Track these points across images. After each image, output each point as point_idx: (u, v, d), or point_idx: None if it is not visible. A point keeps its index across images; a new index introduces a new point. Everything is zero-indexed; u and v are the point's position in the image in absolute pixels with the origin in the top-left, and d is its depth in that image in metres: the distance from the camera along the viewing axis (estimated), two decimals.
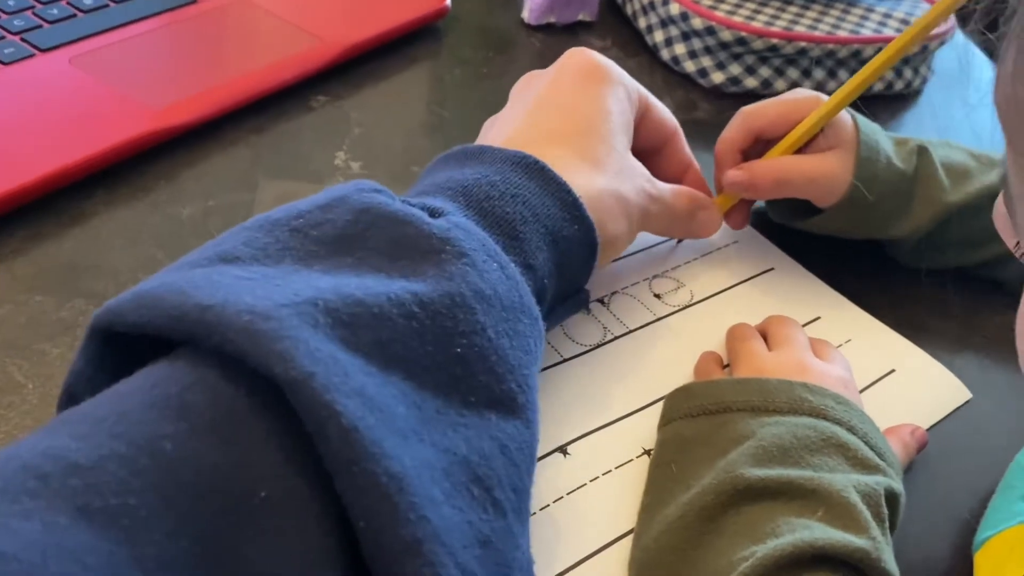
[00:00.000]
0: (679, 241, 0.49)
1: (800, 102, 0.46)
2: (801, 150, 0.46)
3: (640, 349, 0.43)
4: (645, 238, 0.47)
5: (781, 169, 0.45)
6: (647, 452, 0.38)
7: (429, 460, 0.25)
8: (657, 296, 0.45)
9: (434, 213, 0.31)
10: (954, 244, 0.48)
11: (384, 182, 0.51)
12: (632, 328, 0.44)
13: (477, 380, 0.27)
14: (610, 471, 0.37)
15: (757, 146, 0.46)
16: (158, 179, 0.49)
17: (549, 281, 0.34)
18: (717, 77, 0.63)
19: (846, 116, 0.45)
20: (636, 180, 0.40)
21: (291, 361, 0.23)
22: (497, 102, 0.61)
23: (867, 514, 0.31)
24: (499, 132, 0.39)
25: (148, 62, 0.54)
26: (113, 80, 0.51)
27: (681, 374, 0.42)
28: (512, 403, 0.28)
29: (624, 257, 0.47)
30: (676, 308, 0.45)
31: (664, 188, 0.42)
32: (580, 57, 0.41)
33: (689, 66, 0.64)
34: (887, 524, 0.32)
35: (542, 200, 0.34)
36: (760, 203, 0.51)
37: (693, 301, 0.46)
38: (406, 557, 0.23)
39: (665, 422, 0.38)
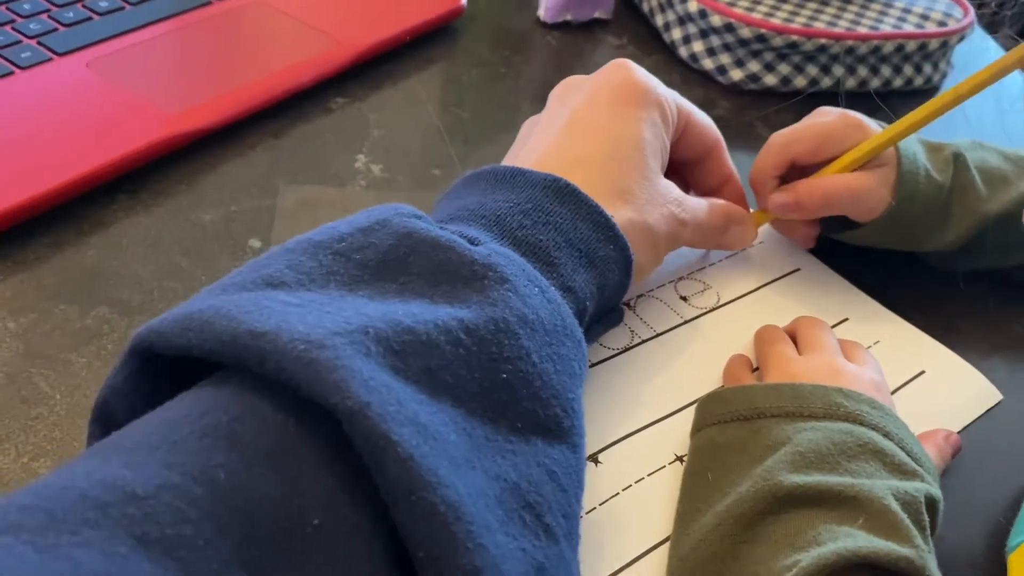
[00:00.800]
0: (706, 254, 0.48)
1: (835, 128, 0.44)
2: None
3: (668, 353, 0.42)
4: None
5: (827, 188, 0.44)
6: (680, 458, 0.37)
7: (482, 488, 0.25)
8: (684, 298, 0.45)
9: (472, 241, 0.31)
10: (990, 250, 0.47)
11: (406, 185, 0.51)
12: (659, 331, 0.43)
13: (523, 406, 0.27)
14: (643, 479, 0.37)
15: (792, 172, 0.46)
16: (178, 185, 0.48)
17: (591, 303, 0.35)
18: (736, 74, 0.63)
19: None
20: (665, 208, 0.39)
21: (347, 391, 0.23)
22: (515, 102, 0.61)
23: (908, 521, 0.31)
24: (531, 151, 0.39)
25: (164, 65, 0.54)
26: (130, 85, 0.51)
27: (710, 378, 0.41)
28: (558, 428, 0.28)
29: None
30: (703, 310, 0.45)
31: (697, 207, 0.41)
32: (620, 75, 0.40)
33: (707, 63, 0.63)
34: (928, 531, 0.32)
35: (574, 224, 0.34)
36: None
37: (720, 303, 0.45)
38: None
39: (697, 428, 0.37)
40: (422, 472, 0.23)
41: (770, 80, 0.63)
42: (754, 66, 0.63)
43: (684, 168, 0.43)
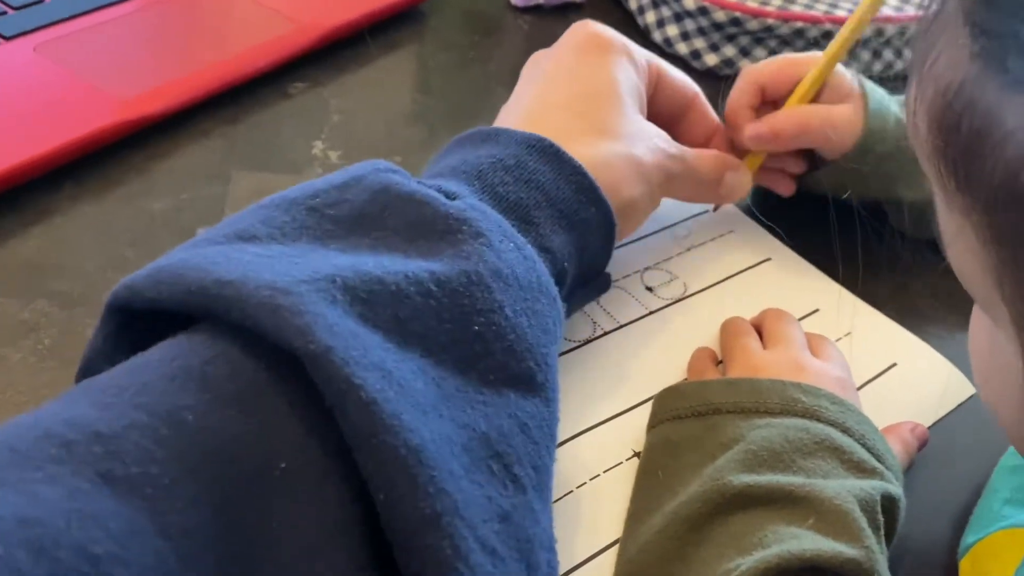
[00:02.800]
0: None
1: (798, 58, 0.46)
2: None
3: (631, 345, 0.41)
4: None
5: (802, 115, 0.45)
6: (637, 454, 0.36)
7: (448, 435, 0.25)
8: (649, 289, 0.44)
9: (449, 196, 0.31)
10: None
11: None
12: (623, 323, 0.42)
13: (495, 358, 0.28)
14: (598, 475, 0.35)
15: (765, 108, 0.46)
16: (128, 172, 0.47)
17: (569, 264, 0.34)
18: (711, 59, 0.61)
19: (848, 75, 0.46)
20: (650, 141, 0.39)
21: (310, 335, 0.23)
22: (484, 87, 0.59)
23: (862, 521, 0.29)
24: (508, 112, 0.40)
25: (117, 50, 0.52)
26: (80, 69, 0.49)
27: (674, 371, 0.40)
28: (531, 381, 0.28)
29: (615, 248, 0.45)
30: (669, 301, 0.43)
31: (687, 150, 0.42)
32: (584, 30, 0.41)
33: (682, 48, 0.62)
34: (883, 532, 0.31)
35: (556, 184, 0.34)
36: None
37: (687, 294, 0.44)
38: (426, 530, 0.23)
39: (653, 424, 0.36)
40: (384, 416, 0.23)
41: (746, 65, 0.61)
42: (729, 51, 0.61)
43: (668, 125, 0.43)
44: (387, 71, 0.57)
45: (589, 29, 0.41)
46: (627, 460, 0.36)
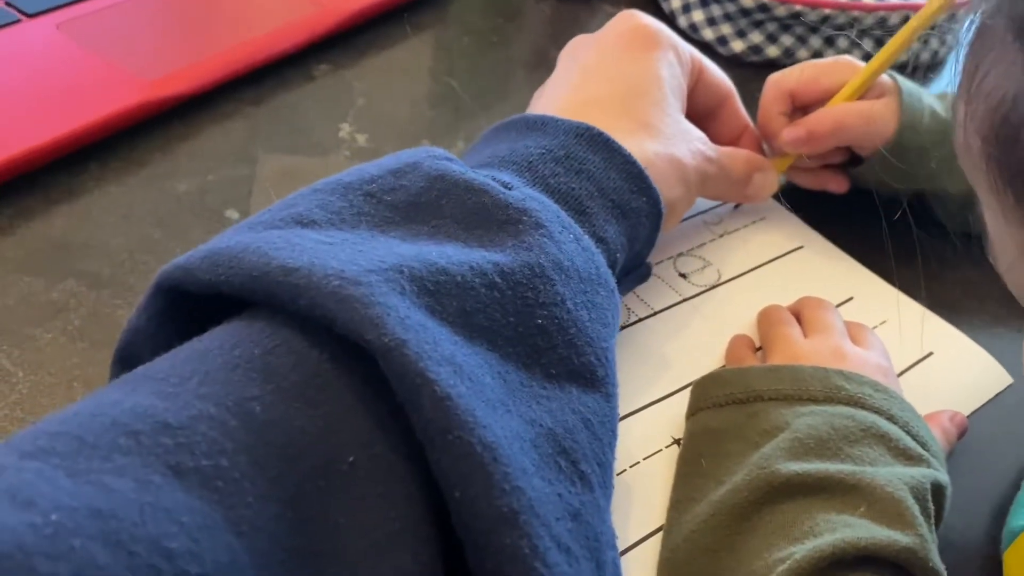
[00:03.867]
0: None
1: (829, 64, 0.45)
2: None
3: (666, 332, 0.40)
4: None
5: (837, 114, 0.44)
6: (677, 441, 0.36)
7: (517, 431, 0.24)
8: (683, 276, 0.43)
9: (505, 186, 0.30)
10: None
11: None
12: (657, 309, 0.41)
13: (557, 352, 0.27)
14: (638, 463, 0.35)
15: (796, 114, 0.46)
16: (152, 153, 0.46)
17: (621, 255, 0.34)
18: (737, 46, 0.61)
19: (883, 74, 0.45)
20: (692, 143, 0.39)
21: (383, 328, 0.22)
22: (507, 71, 0.59)
23: (915, 509, 0.29)
24: (548, 101, 0.38)
25: (140, 29, 0.51)
26: (103, 48, 0.48)
27: (710, 358, 0.40)
28: (592, 376, 0.28)
29: None
30: (703, 288, 0.43)
31: (720, 150, 0.41)
32: (629, 22, 0.40)
33: (708, 34, 0.61)
34: (933, 520, 0.30)
35: (607, 174, 0.33)
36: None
37: (720, 281, 0.43)
38: (502, 528, 0.22)
39: (692, 412, 0.35)
40: (459, 412, 0.22)
41: (772, 52, 0.61)
42: (756, 37, 0.60)
43: (700, 121, 0.43)
44: (410, 55, 0.57)
45: (636, 21, 0.40)
46: (667, 447, 0.35)
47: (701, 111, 0.43)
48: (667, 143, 0.37)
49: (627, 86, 0.38)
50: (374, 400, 0.23)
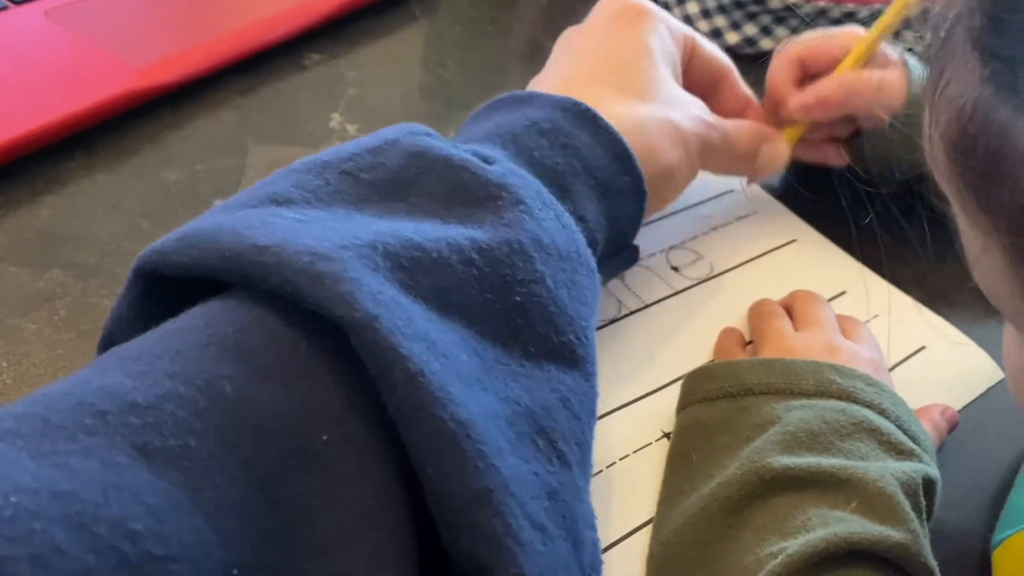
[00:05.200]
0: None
1: (836, 33, 0.45)
2: None
3: (657, 325, 0.40)
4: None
5: (848, 81, 0.43)
6: (667, 435, 0.35)
7: (493, 409, 0.24)
8: (675, 269, 0.43)
9: (486, 160, 0.30)
10: None
11: None
12: (649, 302, 0.41)
13: (536, 330, 0.27)
14: (627, 456, 0.35)
15: (805, 83, 0.45)
16: (141, 142, 0.46)
17: (600, 234, 0.33)
18: (732, 38, 0.60)
19: (890, 50, 0.45)
20: (688, 108, 0.38)
21: (354, 304, 0.22)
22: (501, 62, 0.58)
23: (906, 505, 0.29)
24: (539, 81, 0.39)
25: (130, 16, 0.51)
26: (92, 35, 0.48)
27: (701, 352, 0.39)
28: (571, 355, 0.27)
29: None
30: (695, 281, 0.43)
31: (724, 120, 0.41)
32: (616, 1, 0.40)
33: (702, 26, 0.61)
34: (924, 515, 0.30)
35: (592, 150, 0.33)
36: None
37: (713, 274, 0.43)
38: (476, 506, 0.22)
39: (683, 405, 0.35)
40: (431, 388, 0.22)
41: (767, 44, 0.60)
42: (750, 29, 0.60)
43: (701, 99, 0.42)
44: (403, 44, 0.56)
45: (622, 0, 0.40)
46: (656, 441, 0.35)
47: (701, 88, 0.43)
48: (662, 107, 0.37)
49: (616, 58, 0.38)
50: (347, 378, 0.23)
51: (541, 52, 0.56)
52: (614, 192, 0.34)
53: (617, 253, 0.37)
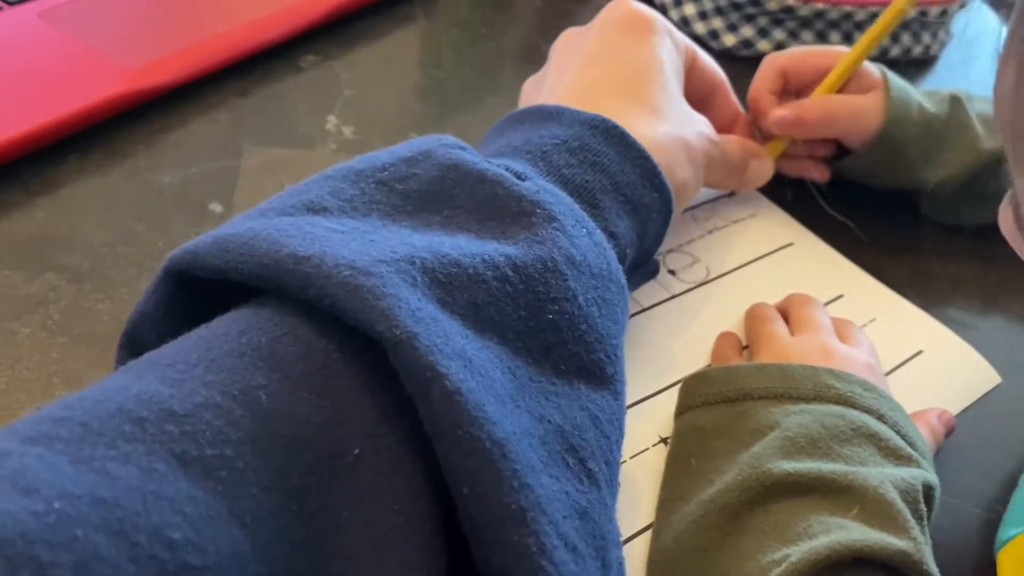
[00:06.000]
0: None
1: (822, 49, 0.47)
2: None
3: (653, 329, 0.40)
4: None
5: (828, 105, 0.45)
6: (664, 440, 0.35)
7: (526, 427, 0.24)
8: (671, 272, 0.43)
9: (519, 176, 0.30)
10: (992, 196, 0.46)
11: (380, 148, 0.48)
12: (645, 306, 0.41)
13: (567, 348, 0.27)
14: (625, 461, 0.34)
15: (787, 96, 0.46)
16: (135, 145, 0.45)
17: (630, 250, 0.34)
18: (729, 40, 0.60)
19: (872, 66, 0.46)
20: (696, 125, 0.39)
21: (394, 320, 0.22)
22: (496, 64, 0.58)
23: (906, 512, 0.29)
24: (550, 91, 0.38)
25: (123, 18, 0.50)
26: (86, 36, 0.48)
27: (697, 356, 0.39)
28: (601, 373, 0.27)
29: None
30: (691, 285, 0.42)
31: (720, 136, 0.41)
32: (623, 8, 0.40)
33: (699, 28, 0.61)
34: (925, 522, 0.30)
35: (621, 167, 0.33)
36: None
37: (709, 278, 0.43)
38: (510, 525, 0.22)
39: (681, 411, 0.35)
40: (469, 407, 0.22)
41: (764, 46, 0.60)
42: (747, 31, 0.60)
43: (696, 110, 0.43)
44: (398, 46, 0.56)
45: (629, 7, 0.40)
46: (653, 446, 0.35)
47: (695, 100, 0.43)
48: (675, 125, 0.37)
49: (631, 70, 0.37)
50: (381, 392, 0.23)
51: (536, 53, 0.56)
52: (642, 209, 0.34)
53: (639, 267, 0.37)
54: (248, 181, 0.44)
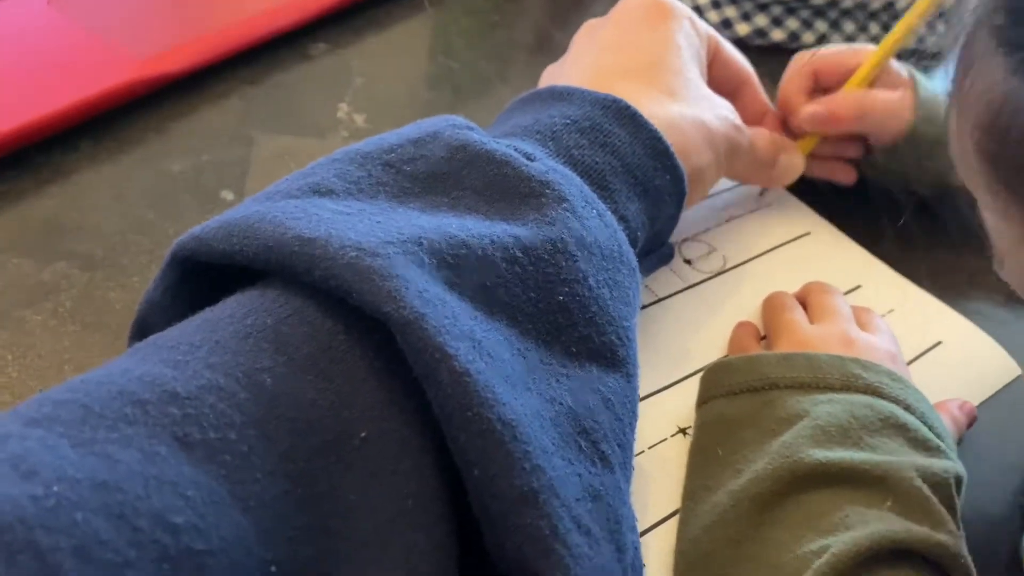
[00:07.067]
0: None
1: (852, 49, 0.46)
2: None
3: (670, 319, 0.40)
4: None
5: (861, 99, 0.44)
6: (682, 430, 0.35)
7: (537, 409, 0.23)
8: (688, 262, 0.42)
9: (528, 156, 0.29)
10: None
11: None
12: (662, 296, 0.40)
13: (578, 331, 0.26)
14: (643, 452, 0.34)
15: (817, 95, 0.45)
16: (145, 133, 0.45)
17: (641, 233, 0.33)
18: (742, 29, 0.60)
19: (899, 65, 0.46)
20: (718, 109, 0.38)
21: (401, 301, 0.22)
22: (508, 53, 0.58)
23: (939, 505, 0.28)
24: (567, 76, 0.38)
25: (134, 5, 0.50)
26: (96, 24, 0.47)
27: (715, 346, 0.39)
28: (613, 355, 0.27)
29: None
30: (708, 275, 0.42)
31: (747, 126, 0.40)
32: None
33: (712, 16, 0.60)
34: (958, 514, 0.29)
35: (632, 148, 0.32)
36: None
37: (726, 267, 0.43)
38: (522, 507, 0.22)
39: (704, 400, 0.35)
40: (478, 388, 0.22)
41: (778, 35, 0.60)
42: (761, 20, 0.59)
43: None
44: (409, 35, 0.56)
45: None
46: (671, 436, 0.35)
47: (721, 93, 0.42)
48: (693, 107, 0.36)
49: (647, 55, 0.37)
50: (387, 374, 0.22)
51: (548, 42, 0.55)
52: (653, 191, 0.33)
53: (652, 251, 0.37)
54: (259, 169, 0.44)
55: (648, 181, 0.33)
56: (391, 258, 0.23)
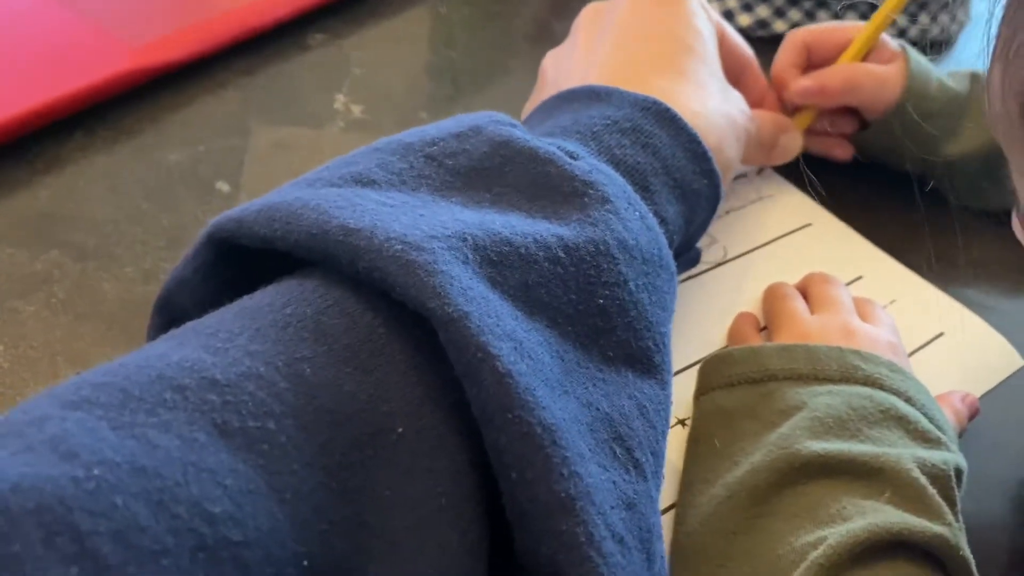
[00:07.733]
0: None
1: (845, 24, 0.47)
2: None
3: None
4: None
5: (850, 71, 0.45)
6: (681, 422, 0.35)
7: (575, 414, 0.23)
8: None
9: (571, 155, 0.29)
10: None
11: (389, 128, 0.47)
12: None
13: (616, 335, 0.26)
14: None
15: (810, 71, 0.46)
16: (141, 123, 0.44)
17: (678, 236, 0.33)
18: (744, 20, 0.59)
19: (891, 40, 0.47)
20: (738, 102, 0.38)
21: (445, 297, 0.21)
22: (508, 43, 0.57)
23: (938, 497, 0.28)
24: (586, 67, 0.36)
25: None
26: (91, 13, 0.47)
27: (715, 337, 0.38)
28: (649, 361, 0.27)
29: None
30: (708, 266, 0.42)
31: (753, 111, 0.41)
32: None
33: (714, 7, 0.60)
34: (957, 506, 0.29)
35: (672, 151, 0.32)
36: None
37: (726, 258, 0.42)
38: (559, 513, 0.21)
39: (702, 391, 0.34)
40: (519, 390, 0.21)
41: (780, 27, 0.59)
42: (763, 11, 0.59)
43: None
44: (408, 24, 0.55)
45: None
46: (671, 427, 0.34)
47: (727, 77, 0.42)
48: (721, 101, 0.36)
49: (671, 43, 0.36)
50: (426, 370, 0.22)
51: (548, 32, 0.55)
52: (692, 195, 0.33)
53: (681, 254, 0.36)
54: (255, 160, 0.44)
55: (687, 184, 0.32)
56: (436, 253, 0.22)
